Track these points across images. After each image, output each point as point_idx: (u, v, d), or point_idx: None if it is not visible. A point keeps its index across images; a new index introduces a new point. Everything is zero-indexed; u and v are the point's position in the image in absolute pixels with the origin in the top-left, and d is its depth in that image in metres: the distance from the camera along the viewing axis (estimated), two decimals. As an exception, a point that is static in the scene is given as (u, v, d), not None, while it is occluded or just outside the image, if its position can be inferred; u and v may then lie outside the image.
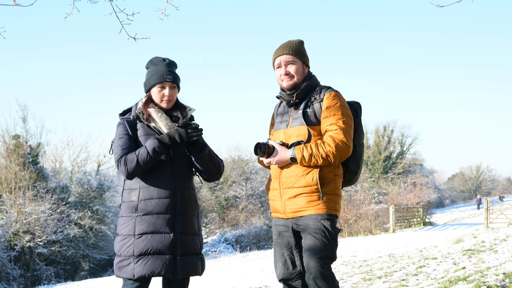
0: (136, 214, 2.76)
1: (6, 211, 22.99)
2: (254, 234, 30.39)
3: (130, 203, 2.80)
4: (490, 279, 5.21)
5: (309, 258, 2.78)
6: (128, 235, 2.76)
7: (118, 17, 4.53)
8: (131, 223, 2.77)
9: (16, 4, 3.61)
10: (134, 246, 2.72)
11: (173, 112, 2.94)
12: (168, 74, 2.86)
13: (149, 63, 2.96)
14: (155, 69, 2.89)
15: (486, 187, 69.60)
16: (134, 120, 2.89)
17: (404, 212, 24.70)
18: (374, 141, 44.22)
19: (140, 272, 2.69)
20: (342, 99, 2.92)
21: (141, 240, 2.72)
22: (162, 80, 2.85)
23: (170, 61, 2.95)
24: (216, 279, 10.51)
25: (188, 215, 2.85)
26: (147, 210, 2.75)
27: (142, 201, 2.77)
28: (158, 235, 2.73)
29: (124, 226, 2.79)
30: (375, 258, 10.68)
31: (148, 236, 2.72)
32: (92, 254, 25.11)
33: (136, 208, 2.77)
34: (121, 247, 2.76)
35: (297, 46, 2.99)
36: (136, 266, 2.69)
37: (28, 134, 25.63)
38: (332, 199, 2.85)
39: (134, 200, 2.79)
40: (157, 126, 2.86)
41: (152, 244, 2.71)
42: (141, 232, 2.73)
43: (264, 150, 2.89)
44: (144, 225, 2.74)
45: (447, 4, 4.08)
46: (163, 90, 2.87)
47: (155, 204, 2.76)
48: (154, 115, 2.86)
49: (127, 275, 2.72)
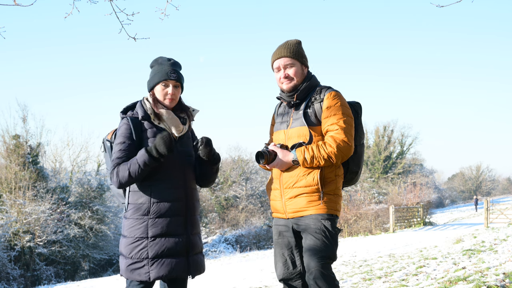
0: (148, 217, 2.75)
1: (6, 211, 22.99)
2: (254, 234, 30.39)
3: (140, 206, 2.76)
4: (490, 279, 5.21)
5: (309, 258, 2.78)
6: (141, 238, 2.74)
7: (118, 17, 4.54)
8: (142, 226, 2.74)
9: (16, 4, 3.61)
10: (148, 248, 2.72)
11: (180, 113, 2.94)
12: (173, 72, 2.87)
13: (154, 62, 2.96)
14: (159, 68, 2.89)
15: (486, 187, 69.61)
16: (141, 119, 2.84)
17: (404, 212, 24.70)
18: (374, 141, 44.22)
19: (156, 274, 2.70)
20: (342, 99, 2.92)
21: (155, 242, 2.72)
22: (166, 77, 2.85)
23: (175, 61, 2.95)
24: (216, 279, 10.50)
25: (195, 215, 2.89)
26: (160, 212, 2.75)
27: (155, 204, 2.75)
28: (172, 238, 2.74)
29: (134, 228, 2.76)
30: (375, 258, 10.67)
31: (162, 238, 2.73)
32: (92, 254, 25.11)
33: (148, 211, 2.75)
34: (132, 249, 2.74)
35: (294, 47, 2.98)
36: (152, 268, 2.70)
37: (28, 134, 25.67)
38: (332, 199, 2.85)
39: (144, 202, 2.76)
40: (165, 126, 2.85)
41: (166, 246, 2.72)
42: (155, 235, 2.73)
43: (266, 158, 2.89)
44: (158, 227, 2.73)
45: (447, 4, 4.09)
46: (166, 88, 2.87)
47: (168, 206, 2.76)
48: (165, 116, 2.85)
49: (141, 277, 2.71)
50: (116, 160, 2.75)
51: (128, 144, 2.78)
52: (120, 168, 2.72)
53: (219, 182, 38.14)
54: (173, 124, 2.85)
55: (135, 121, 2.83)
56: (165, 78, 2.85)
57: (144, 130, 2.83)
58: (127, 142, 2.78)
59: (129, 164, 2.70)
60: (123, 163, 2.73)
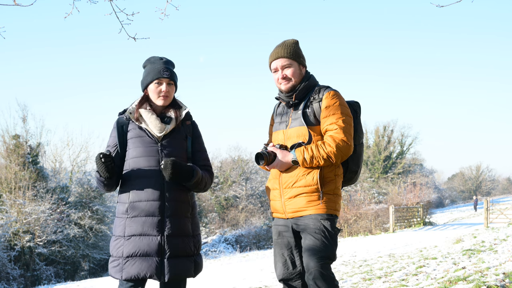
0: (126, 216, 2.78)
1: (6, 211, 22.99)
2: (254, 234, 30.39)
3: (123, 205, 2.81)
4: (490, 279, 5.21)
5: (308, 258, 2.77)
6: (120, 236, 2.78)
7: (118, 17, 4.54)
8: (122, 224, 2.79)
9: (16, 4, 3.61)
10: (123, 247, 2.74)
11: (167, 112, 2.91)
12: (165, 70, 2.87)
13: (146, 61, 2.96)
14: (152, 67, 2.90)
15: (486, 187, 69.58)
16: (127, 120, 2.90)
17: (404, 212, 24.70)
18: (374, 141, 44.21)
19: (127, 273, 2.70)
20: (341, 98, 2.92)
21: (130, 241, 2.73)
22: (159, 76, 2.85)
23: (168, 59, 2.95)
24: (216, 279, 10.50)
25: (178, 217, 2.80)
26: (136, 212, 2.76)
27: (132, 203, 2.77)
28: (146, 237, 2.72)
29: (117, 227, 2.82)
30: (375, 258, 10.67)
31: (136, 238, 2.73)
32: (92, 254, 25.13)
33: (126, 210, 2.78)
34: (113, 247, 2.80)
35: (292, 47, 2.97)
36: (125, 267, 2.72)
37: (28, 134, 25.69)
38: (332, 199, 2.85)
39: (125, 201, 2.81)
40: (148, 127, 2.85)
41: (139, 246, 2.71)
42: (130, 234, 2.74)
43: (266, 159, 2.89)
44: (133, 227, 2.74)
45: (447, 4, 4.09)
46: (160, 86, 2.86)
47: (143, 206, 2.75)
48: (144, 115, 2.85)
49: (116, 275, 2.75)
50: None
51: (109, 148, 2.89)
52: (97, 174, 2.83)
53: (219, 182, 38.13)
54: (152, 123, 2.84)
55: (121, 122, 2.90)
56: (158, 77, 2.85)
57: (128, 130, 2.88)
58: (109, 145, 2.91)
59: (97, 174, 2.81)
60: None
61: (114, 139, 2.88)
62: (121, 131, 2.87)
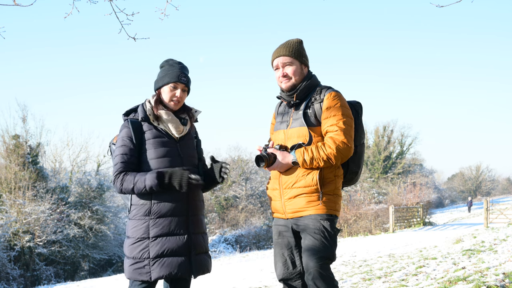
0: (149, 217, 2.77)
1: (6, 211, 22.98)
2: (254, 234, 30.39)
3: (142, 206, 2.79)
4: (490, 279, 5.21)
5: (308, 259, 2.78)
6: (142, 238, 2.76)
7: (118, 17, 4.55)
8: (144, 226, 2.76)
9: (16, 4, 3.61)
10: (149, 248, 2.73)
11: (181, 114, 2.94)
12: (183, 76, 2.88)
13: (165, 62, 2.96)
14: (170, 69, 2.90)
15: (486, 187, 69.57)
16: (141, 121, 2.86)
17: (404, 212, 24.70)
18: (374, 141, 44.22)
19: (157, 274, 2.71)
20: (342, 99, 2.91)
21: (156, 242, 2.73)
22: (176, 80, 2.86)
23: (185, 65, 2.96)
24: (216, 279, 10.50)
25: (198, 215, 2.88)
26: (161, 212, 2.76)
27: (156, 204, 2.77)
28: (174, 237, 2.76)
29: (136, 229, 2.78)
30: (375, 258, 10.68)
31: (163, 238, 2.74)
32: (92, 254, 25.10)
33: (149, 211, 2.77)
34: (134, 250, 2.76)
35: (295, 46, 2.97)
36: (153, 268, 2.71)
37: (28, 134, 25.66)
38: (332, 199, 2.85)
39: (145, 203, 2.78)
40: (166, 128, 2.86)
41: (167, 246, 2.73)
42: (156, 235, 2.74)
43: (266, 161, 2.89)
44: (159, 227, 2.75)
45: (447, 4, 4.09)
46: (174, 91, 2.87)
47: (169, 206, 2.77)
48: (164, 117, 2.85)
49: (143, 277, 2.73)
50: (120, 165, 2.78)
51: (129, 148, 2.80)
52: (126, 178, 2.75)
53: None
54: (173, 125, 2.86)
55: (135, 123, 2.85)
56: (175, 81, 2.86)
57: (144, 131, 2.84)
58: (127, 146, 2.80)
59: (136, 179, 2.73)
60: (130, 172, 2.76)
61: (130, 148, 2.80)
62: (137, 132, 2.83)
